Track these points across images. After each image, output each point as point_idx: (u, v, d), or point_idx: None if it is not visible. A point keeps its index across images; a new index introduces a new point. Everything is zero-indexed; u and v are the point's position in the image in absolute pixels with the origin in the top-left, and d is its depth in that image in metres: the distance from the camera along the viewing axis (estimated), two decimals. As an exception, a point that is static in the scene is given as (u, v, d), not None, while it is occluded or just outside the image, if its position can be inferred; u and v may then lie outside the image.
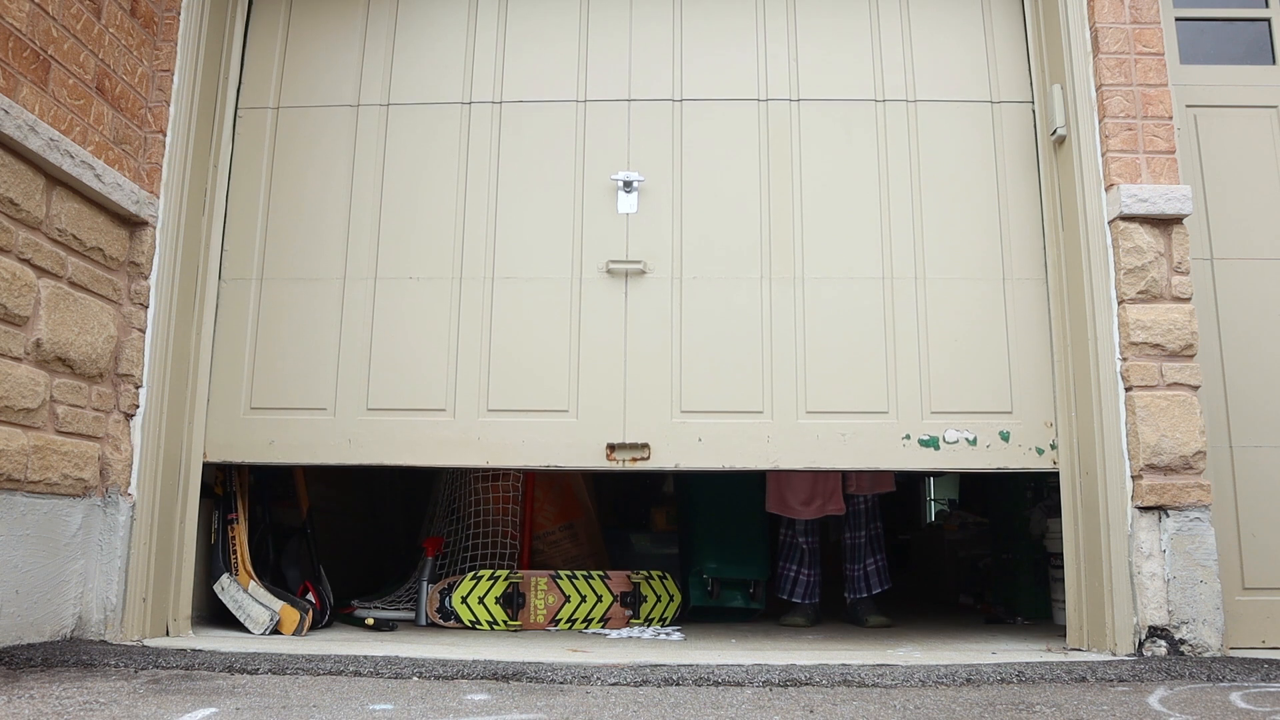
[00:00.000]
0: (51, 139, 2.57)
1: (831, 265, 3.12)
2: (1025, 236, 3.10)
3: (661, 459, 3.00)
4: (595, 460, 3.01)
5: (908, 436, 2.99)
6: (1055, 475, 2.98)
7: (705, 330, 3.10)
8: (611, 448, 3.00)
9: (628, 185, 3.16)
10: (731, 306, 3.11)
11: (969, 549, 4.65)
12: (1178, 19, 3.18)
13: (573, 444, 3.02)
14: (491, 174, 3.22)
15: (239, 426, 3.09)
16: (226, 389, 3.12)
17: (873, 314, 3.08)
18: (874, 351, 3.06)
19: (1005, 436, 2.97)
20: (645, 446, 2.99)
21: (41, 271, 2.60)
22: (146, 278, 2.97)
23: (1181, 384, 2.77)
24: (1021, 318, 3.06)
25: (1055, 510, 3.72)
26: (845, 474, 3.81)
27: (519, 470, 3.11)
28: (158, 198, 3.02)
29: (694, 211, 3.18)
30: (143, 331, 2.95)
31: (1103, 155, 2.91)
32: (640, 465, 3.00)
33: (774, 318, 3.09)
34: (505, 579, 3.51)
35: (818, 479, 3.79)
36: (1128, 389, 2.78)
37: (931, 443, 2.98)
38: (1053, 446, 2.97)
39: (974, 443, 2.98)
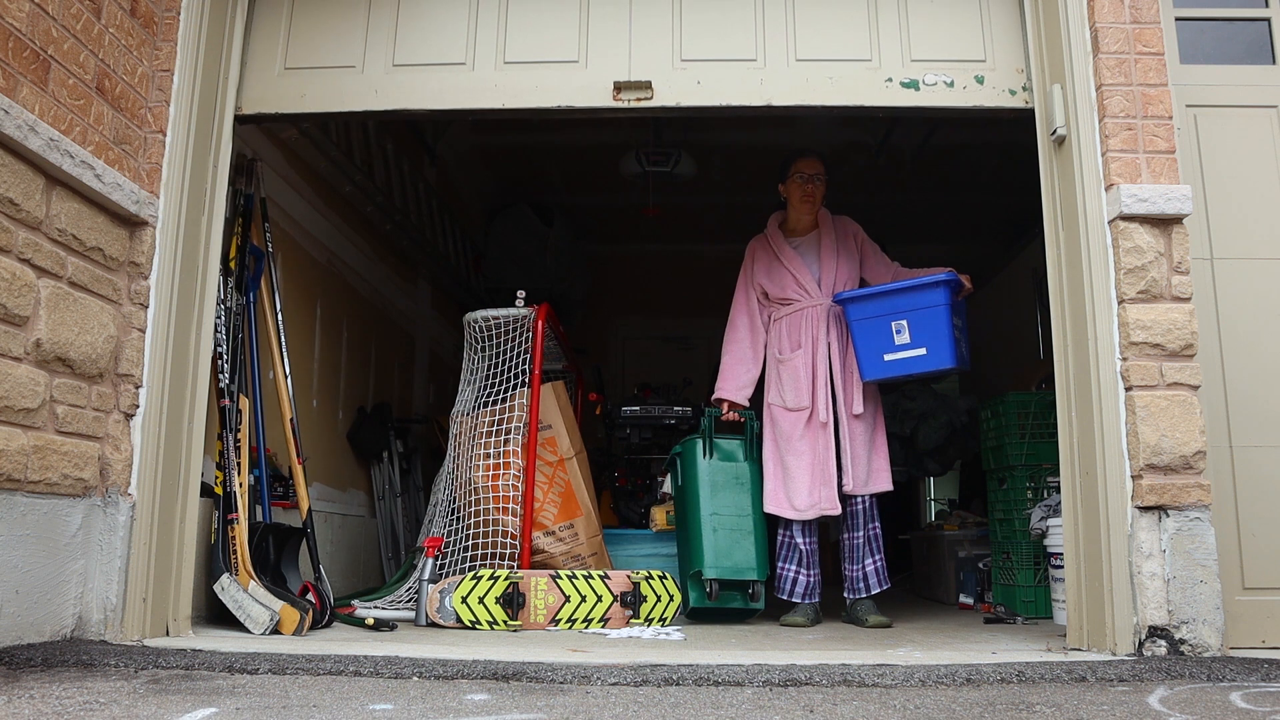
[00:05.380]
0: (51, 139, 2.57)
1: None
2: None
3: (664, 98, 3.28)
4: (602, 99, 3.28)
5: (890, 79, 3.26)
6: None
7: None
8: (618, 87, 3.27)
9: None
10: None
11: (969, 549, 4.65)
12: (1178, 19, 3.18)
13: (582, 86, 3.30)
14: None
15: (273, 84, 3.36)
16: (262, 54, 3.38)
17: None
18: (857, 9, 3.35)
19: (980, 80, 3.24)
20: (648, 85, 3.27)
21: (41, 271, 2.60)
22: (146, 278, 2.97)
23: (1181, 384, 2.77)
24: None
25: (1055, 510, 3.72)
26: (841, 473, 3.80)
27: (533, 111, 3.36)
28: (158, 198, 3.02)
29: None
30: (143, 331, 2.95)
31: (1103, 155, 2.91)
32: (644, 104, 3.28)
33: None
34: (505, 579, 3.51)
35: (815, 472, 3.77)
36: (1127, 389, 2.78)
37: (912, 84, 3.24)
38: (1025, 89, 3.20)
39: (951, 85, 3.23)
